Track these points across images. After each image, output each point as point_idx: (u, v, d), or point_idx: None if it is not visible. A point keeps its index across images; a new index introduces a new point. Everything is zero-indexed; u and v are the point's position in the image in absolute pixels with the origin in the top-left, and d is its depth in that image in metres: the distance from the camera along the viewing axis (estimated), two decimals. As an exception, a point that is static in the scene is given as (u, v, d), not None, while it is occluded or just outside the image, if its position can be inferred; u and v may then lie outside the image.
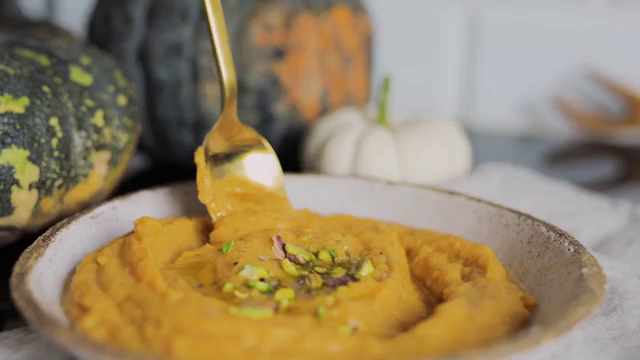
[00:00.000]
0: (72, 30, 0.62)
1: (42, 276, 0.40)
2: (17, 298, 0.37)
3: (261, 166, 0.50)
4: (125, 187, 0.56)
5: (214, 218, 0.47)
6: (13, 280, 0.39)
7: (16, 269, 0.40)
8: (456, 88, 0.97)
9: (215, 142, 0.48)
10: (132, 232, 0.43)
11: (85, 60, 0.52)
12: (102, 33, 0.65)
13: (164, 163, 0.67)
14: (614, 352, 0.41)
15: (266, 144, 0.50)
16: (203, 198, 0.47)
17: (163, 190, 0.50)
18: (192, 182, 0.51)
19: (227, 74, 0.49)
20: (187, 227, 0.46)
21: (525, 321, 0.40)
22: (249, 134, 0.50)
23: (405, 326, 0.39)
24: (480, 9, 0.94)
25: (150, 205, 0.48)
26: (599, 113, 0.92)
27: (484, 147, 0.84)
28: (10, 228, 0.48)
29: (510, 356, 0.33)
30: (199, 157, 0.47)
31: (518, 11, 0.93)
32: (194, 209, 0.49)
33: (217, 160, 0.48)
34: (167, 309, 0.36)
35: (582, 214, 0.58)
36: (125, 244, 0.42)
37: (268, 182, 0.49)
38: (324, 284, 0.41)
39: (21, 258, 0.41)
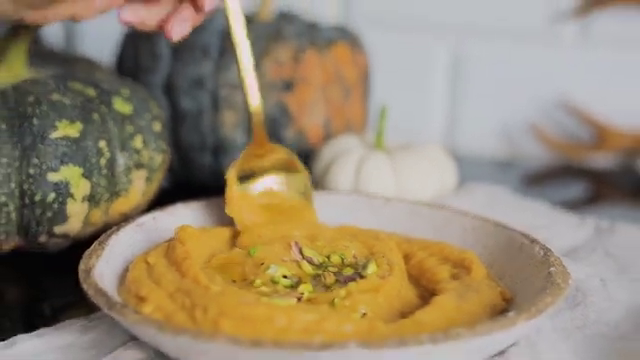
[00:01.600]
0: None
1: (102, 273, 0.46)
2: (87, 289, 0.44)
3: (288, 182, 0.56)
4: (156, 202, 0.62)
5: (239, 226, 0.54)
6: (81, 275, 0.45)
7: (81, 266, 0.46)
8: (442, 116, 1.00)
9: (246, 160, 0.55)
10: (174, 237, 0.50)
11: (125, 91, 0.59)
12: (131, 67, 0.71)
13: (186, 182, 0.72)
14: (577, 338, 0.47)
15: (297, 162, 0.56)
16: (230, 211, 0.54)
17: (195, 203, 0.56)
18: (218, 197, 0.58)
19: (256, 99, 0.56)
20: (218, 234, 0.53)
21: (503, 311, 0.46)
22: (281, 154, 0.57)
23: (404, 315, 0.45)
24: (464, 46, 0.97)
25: (184, 215, 0.55)
26: (570, 140, 0.95)
27: (468, 169, 0.86)
28: (64, 235, 0.55)
29: (491, 334, 0.40)
30: (230, 173, 0.54)
31: (498, 47, 0.96)
32: (223, 219, 0.56)
33: (246, 177, 0.55)
34: (211, 298, 0.43)
35: (553, 227, 0.63)
36: (170, 247, 0.49)
37: (294, 196, 0.56)
38: (336, 280, 0.47)
39: (84, 258, 0.47)
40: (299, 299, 0.45)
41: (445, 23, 0.97)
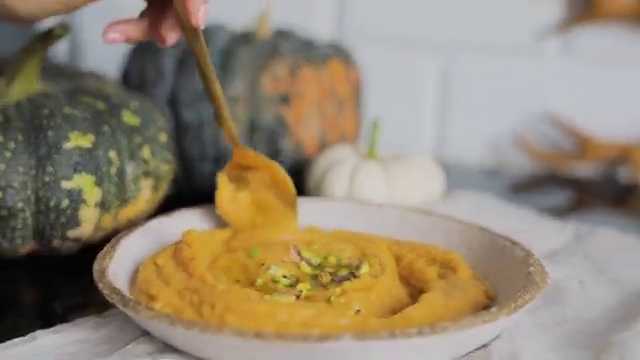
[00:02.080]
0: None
1: (115, 273, 0.49)
2: (102, 288, 0.47)
3: (273, 186, 0.59)
4: (162, 208, 0.64)
5: (231, 226, 0.58)
6: (96, 275, 0.48)
7: (95, 267, 0.49)
8: (432, 128, 1.01)
9: (235, 166, 0.59)
10: (181, 241, 0.54)
11: (133, 104, 0.62)
12: (137, 81, 0.74)
13: (188, 190, 0.74)
14: (556, 334, 0.49)
15: (279, 169, 0.59)
16: (220, 211, 0.58)
17: (198, 209, 0.59)
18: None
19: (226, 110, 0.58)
20: (220, 237, 0.57)
21: (486, 308, 0.48)
22: (268, 164, 0.59)
23: (395, 311, 0.48)
24: (452, 61, 0.99)
25: (188, 220, 0.58)
26: (554, 150, 0.96)
27: (457, 178, 0.88)
28: (76, 239, 0.58)
29: (474, 328, 0.43)
30: (221, 176, 0.58)
31: (484, 63, 0.98)
32: (223, 223, 0.59)
33: (235, 181, 0.58)
34: (218, 295, 0.46)
35: (535, 231, 0.65)
36: (177, 249, 0.52)
37: (279, 200, 0.59)
38: (332, 280, 0.50)
39: (97, 259, 0.50)
40: (298, 297, 0.48)
41: (434, 40, 0.99)
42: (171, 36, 0.56)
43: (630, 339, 0.47)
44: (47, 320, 0.53)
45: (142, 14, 0.57)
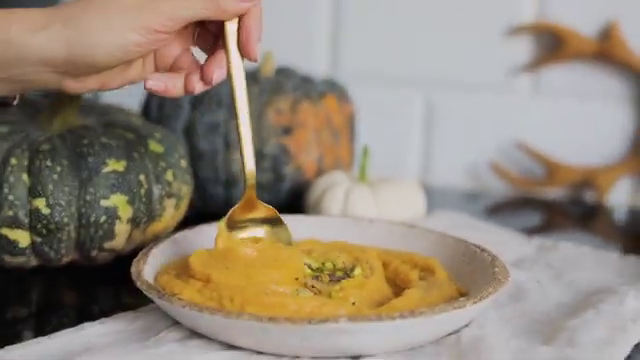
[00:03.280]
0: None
1: (148, 275, 0.58)
2: (140, 285, 0.54)
3: (274, 233, 0.61)
4: (180, 225, 0.71)
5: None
6: (134, 275, 0.56)
7: (133, 269, 0.57)
8: (418, 155, 1.06)
9: (237, 213, 0.60)
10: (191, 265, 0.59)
11: (157, 135, 0.70)
12: (156, 114, 0.81)
13: (202, 210, 0.81)
14: (515, 323, 0.57)
15: (280, 218, 0.60)
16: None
17: (215, 224, 0.68)
18: None
19: (250, 166, 0.59)
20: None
21: None
22: (267, 211, 0.60)
23: (383, 305, 0.56)
24: (435, 96, 1.04)
25: (206, 234, 0.64)
26: (526, 175, 1.01)
27: (440, 200, 0.94)
28: (111, 250, 0.66)
29: (446, 313, 0.51)
30: (221, 224, 0.59)
31: (464, 97, 1.02)
32: None
33: (237, 227, 0.60)
34: (237, 290, 0.53)
35: (504, 243, 0.73)
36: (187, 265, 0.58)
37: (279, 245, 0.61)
38: (330, 280, 0.59)
39: (134, 264, 0.58)
40: (315, 293, 0.56)
41: (419, 77, 1.04)
42: (218, 74, 0.58)
43: (577, 325, 0.56)
44: (86, 319, 0.58)
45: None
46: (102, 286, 0.67)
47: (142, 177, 0.66)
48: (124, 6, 0.55)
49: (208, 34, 0.61)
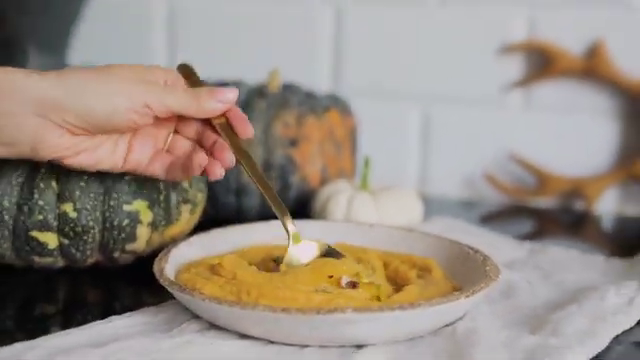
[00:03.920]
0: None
1: (169, 273, 0.63)
2: (163, 281, 0.59)
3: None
4: (194, 230, 0.74)
5: None
6: (157, 273, 0.61)
7: (155, 267, 0.62)
8: (416, 166, 1.08)
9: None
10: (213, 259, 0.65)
11: None
12: None
13: (214, 217, 0.84)
14: (506, 317, 0.61)
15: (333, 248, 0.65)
16: None
17: (228, 228, 0.71)
18: (242, 225, 0.72)
19: (292, 227, 0.64)
20: (256, 253, 0.68)
21: None
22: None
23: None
24: (432, 110, 1.06)
25: (222, 237, 0.70)
26: (518, 185, 1.03)
27: (436, 208, 0.96)
28: (132, 252, 0.71)
29: (442, 305, 0.55)
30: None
31: (459, 111, 1.05)
32: (244, 241, 0.71)
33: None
34: (254, 285, 0.58)
35: (497, 247, 0.77)
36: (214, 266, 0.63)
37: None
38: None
39: (156, 262, 0.62)
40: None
41: (417, 92, 1.07)
42: (226, 159, 0.63)
43: (561, 318, 0.60)
44: (110, 315, 0.62)
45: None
46: (124, 285, 0.71)
47: (161, 184, 0.71)
48: (124, 76, 0.60)
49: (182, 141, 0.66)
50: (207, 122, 0.65)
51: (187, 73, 0.67)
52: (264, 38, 1.14)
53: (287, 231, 0.64)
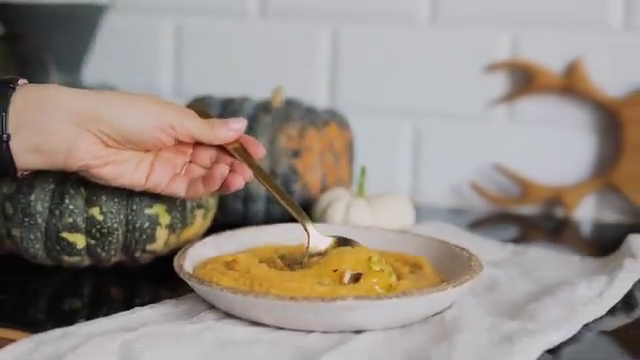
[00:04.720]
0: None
1: (187, 269, 0.70)
2: (183, 276, 0.66)
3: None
4: (206, 233, 0.80)
5: None
6: (177, 269, 0.67)
7: (175, 264, 0.68)
8: (407, 175, 1.12)
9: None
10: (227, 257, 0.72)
11: None
12: None
13: (223, 222, 0.89)
14: (489, 307, 0.67)
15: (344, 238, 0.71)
16: None
17: (238, 231, 0.78)
18: (249, 227, 0.79)
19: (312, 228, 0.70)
20: (264, 251, 0.74)
21: None
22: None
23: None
24: (423, 124, 1.10)
25: (233, 238, 0.76)
26: (503, 194, 1.06)
27: (427, 215, 1.00)
28: (152, 252, 0.77)
29: (431, 295, 0.62)
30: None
31: (448, 125, 1.08)
32: (253, 242, 0.77)
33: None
34: (265, 277, 0.64)
35: (483, 248, 0.83)
36: (229, 262, 0.71)
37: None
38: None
39: (175, 260, 0.69)
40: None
41: (408, 108, 1.11)
42: (245, 174, 0.70)
43: (537, 307, 0.67)
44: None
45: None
46: (144, 283, 0.77)
47: (178, 191, 0.78)
48: (152, 99, 0.68)
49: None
50: (222, 148, 0.73)
51: (198, 110, 0.74)
52: (266, 57, 1.19)
53: (307, 231, 0.71)
